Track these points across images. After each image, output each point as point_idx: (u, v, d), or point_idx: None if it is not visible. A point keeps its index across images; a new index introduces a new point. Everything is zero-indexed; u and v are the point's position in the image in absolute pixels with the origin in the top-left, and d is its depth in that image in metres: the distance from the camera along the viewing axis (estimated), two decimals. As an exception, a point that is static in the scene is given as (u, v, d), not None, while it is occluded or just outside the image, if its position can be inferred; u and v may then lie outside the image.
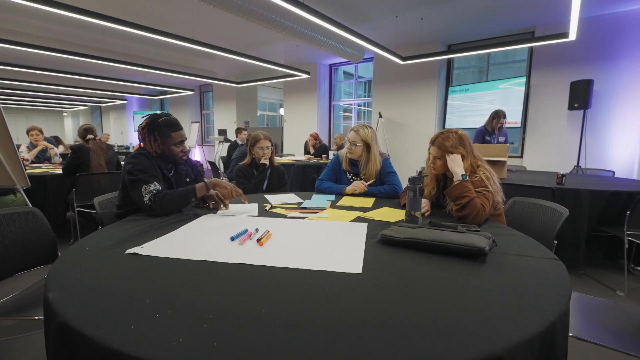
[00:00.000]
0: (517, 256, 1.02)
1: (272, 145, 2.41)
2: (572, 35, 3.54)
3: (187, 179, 1.81)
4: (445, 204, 1.56)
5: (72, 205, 3.00)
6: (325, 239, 1.16)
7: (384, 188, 2.00)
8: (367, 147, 2.06)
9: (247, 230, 1.22)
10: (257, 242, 1.10)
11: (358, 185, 1.98)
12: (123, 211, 1.60)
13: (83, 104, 14.78)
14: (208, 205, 1.66)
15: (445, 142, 1.53)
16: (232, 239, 1.14)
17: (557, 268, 0.92)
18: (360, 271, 0.87)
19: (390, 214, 1.55)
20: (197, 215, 1.47)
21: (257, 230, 1.23)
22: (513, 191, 1.94)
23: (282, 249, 1.05)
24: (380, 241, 1.12)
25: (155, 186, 1.46)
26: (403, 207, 1.69)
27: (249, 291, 0.76)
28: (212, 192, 1.64)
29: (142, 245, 1.06)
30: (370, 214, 1.54)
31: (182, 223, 1.35)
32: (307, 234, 1.22)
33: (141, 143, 1.60)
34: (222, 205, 1.61)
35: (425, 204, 1.55)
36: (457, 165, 1.47)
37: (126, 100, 13.13)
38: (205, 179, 1.67)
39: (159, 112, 1.66)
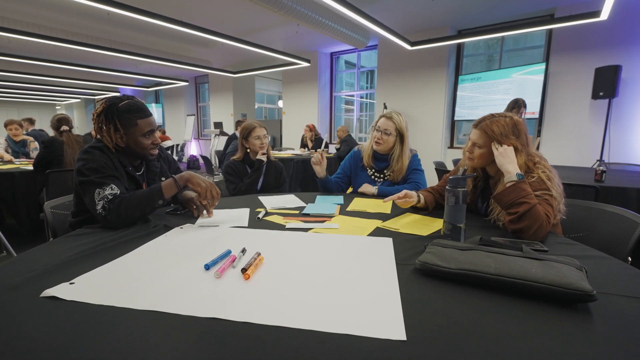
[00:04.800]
0: (628, 298, 0.68)
1: (267, 136, 2.06)
2: (604, 15, 3.16)
3: (163, 178, 1.46)
4: (489, 211, 1.21)
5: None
6: (341, 268, 0.82)
7: (404, 187, 1.66)
8: (401, 138, 1.73)
9: (229, 252, 0.88)
10: (241, 272, 0.76)
11: (368, 189, 1.69)
12: (79, 219, 1.26)
13: (76, 96, 14.33)
14: (188, 210, 1.32)
15: (493, 126, 1.16)
16: (207, 267, 0.80)
17: None
18: (404, 337, 0.53)
19: (417, 224, 1.21)
20: (167, 227, 1.13)
21: (243, 251, 0.89)
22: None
23: (278, 287, 0.71)
24: (420, 271, 0.78)
25: (111, 190, 1.11)
26: (431, 212, 1.36)
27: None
28: (192, 194, 1.30)
29: (72, 281, 0.72)
30: (392, 224, 1.20)
31: (145, 239, 1.01)
32: (313, 258, 0.88)
33: (97, 134, 1.25)
34: (204, 212, 1.28)
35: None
36: (509, 161, 1.12)
37: (119, 92, 12.69)
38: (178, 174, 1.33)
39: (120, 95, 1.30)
